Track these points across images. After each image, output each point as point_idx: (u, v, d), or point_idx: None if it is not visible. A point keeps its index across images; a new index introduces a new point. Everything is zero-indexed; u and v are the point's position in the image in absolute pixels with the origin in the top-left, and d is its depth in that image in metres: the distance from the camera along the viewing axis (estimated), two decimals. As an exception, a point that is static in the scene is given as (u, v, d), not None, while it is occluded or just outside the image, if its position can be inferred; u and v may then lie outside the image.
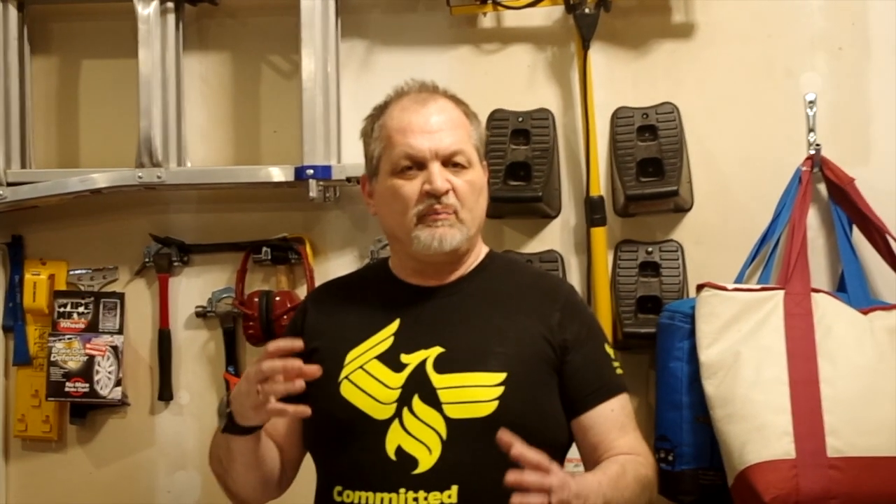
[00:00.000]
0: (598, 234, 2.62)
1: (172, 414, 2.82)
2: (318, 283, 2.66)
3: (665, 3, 2.70)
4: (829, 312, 2.40)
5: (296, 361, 1.83)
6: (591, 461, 2.00)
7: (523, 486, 1.71)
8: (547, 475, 1.73)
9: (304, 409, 1.84)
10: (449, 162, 1.98)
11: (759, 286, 2.48)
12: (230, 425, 1.93)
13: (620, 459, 1.95)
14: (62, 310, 2.78)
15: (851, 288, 2.52)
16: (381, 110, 2.07)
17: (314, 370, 1.84)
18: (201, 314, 2.80)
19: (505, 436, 1.75)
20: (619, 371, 2.06)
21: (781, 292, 2.42)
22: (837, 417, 2.29)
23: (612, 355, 2.07)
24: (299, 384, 1.82)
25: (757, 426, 2.30)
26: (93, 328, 2.77)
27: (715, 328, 2.40)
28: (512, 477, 1.71)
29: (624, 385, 2.05)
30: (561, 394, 2.00)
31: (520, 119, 2.66)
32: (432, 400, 1.92)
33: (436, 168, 1.97)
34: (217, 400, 2.80)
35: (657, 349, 2.52)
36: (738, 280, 2.55)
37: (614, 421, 2.01)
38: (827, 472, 2.27)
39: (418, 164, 1.98)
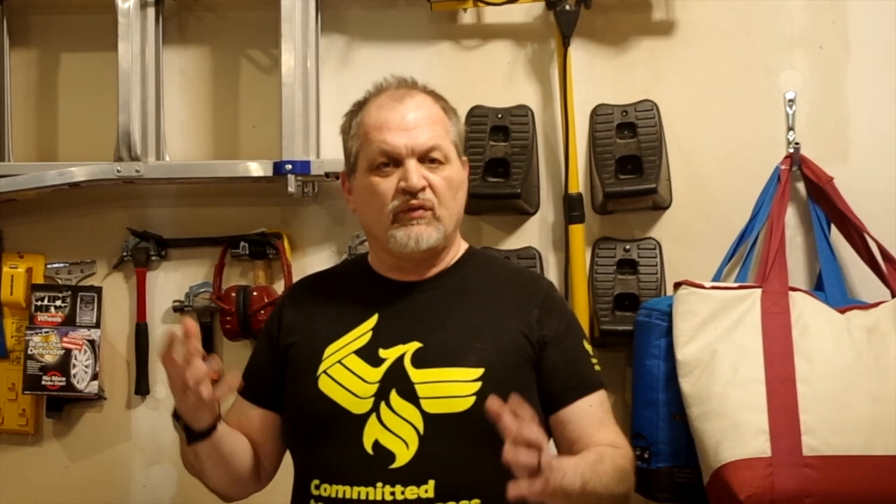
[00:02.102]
0: (577, 231, 2.62)
1: (149, 408, 2.81)
2: (295, 278, 2.66)
3: (645, 1, 2.70)
4: (806, 311, 2.40)
5: (190, 343, 1.84)
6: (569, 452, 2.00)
7: (518, 466, 1.68)
8: (542, 451, 1.69)
9: (235, 380, 1.89)
10: (426, 158, 1.97)
11: (736, 284, 2.48)
12: (191, 435, 1.94)
13: (599, 449, 1.95)
14: (39, 303, 2.78)
15: (829, 287, 2.52)
16: (359, 107, 2.06)
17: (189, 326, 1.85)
18: (179, 309, 2.79)
19: (494, 404, 1.71)
20: (597, 367, 2.06)
21: (759, 291, 2.42)
22: (813, 416, 2.29)
23: (591, 352, 2.07)
24: (209, 366, 1.85)
25: (733, 424, 2.29)
26: (70, 322, 2.77)
27: (692, 326, 2.39)
28: (507, 455, 1.67)
29: (602, 381, 2.06)
30: (539, 390, 2.00)
31: (499, 115, 2.66)
32: (410, 395, 1.92)
33: (412, 164, 1.96)
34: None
35: (634, 347, 2.52)
36: (716, 278, 2.55)
37: (592, 416, 2.01)
38: (802, 470, 2.27)
39: (395, 161, 1.97)
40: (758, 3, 2.68)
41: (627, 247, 2.64)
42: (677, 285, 2.46)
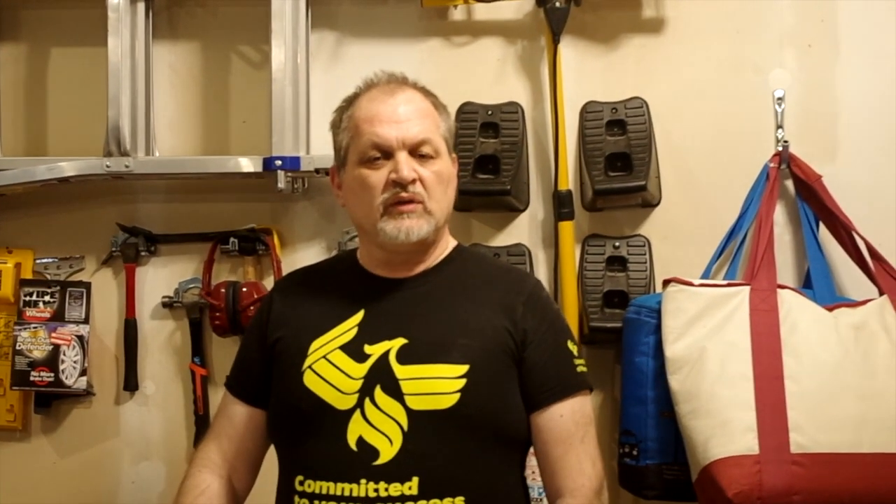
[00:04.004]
0: (566, 228, 2.62)
1: (138, 404, 2.80)
2: (285, 274, 2.65)
3: (636, -2, 2.71)
4: (794, 309, 2.40)
5: None
6: (540, 463, 2.00)
7: None
8: None
9: None
10: (416, 152, 1.97)
11: (725, 282, 2.48)
12: None
13: None
14: (28, 298, 2.77)
15: (817, 285, 2.53)
16: (350, 102, 2.06)
17: None
18: (168, 304, 2.78)
19: None
20: (580, 369, 2.03)
21: (747, 288, 2.43)
22: (801, 413, 2.30)
23: (575, 352, 2.04)
24: None
25: (721, 422, 2.30)
26: (59, 317, 2.75)
27: (681, 323, 2.40)
28: None
29: (584, 383, 2.02)
30: (520, 387, 1.99)
31: (489, 112, 2.66)
32: (394, 391, 1.91)
33: (402, 157, 1.96)
34: (183, 390, 2.79)
35: (623, 344, 2.52)
36: (705, 275, 2.55)
37: (560, 430, 1.97)
38: (790, 467, 2.27)
39: (385, 154, 1.97)
40: (747, 1, 2.69)
41: (617, 244, 2.64)
42: (666, 282, 2.46)
